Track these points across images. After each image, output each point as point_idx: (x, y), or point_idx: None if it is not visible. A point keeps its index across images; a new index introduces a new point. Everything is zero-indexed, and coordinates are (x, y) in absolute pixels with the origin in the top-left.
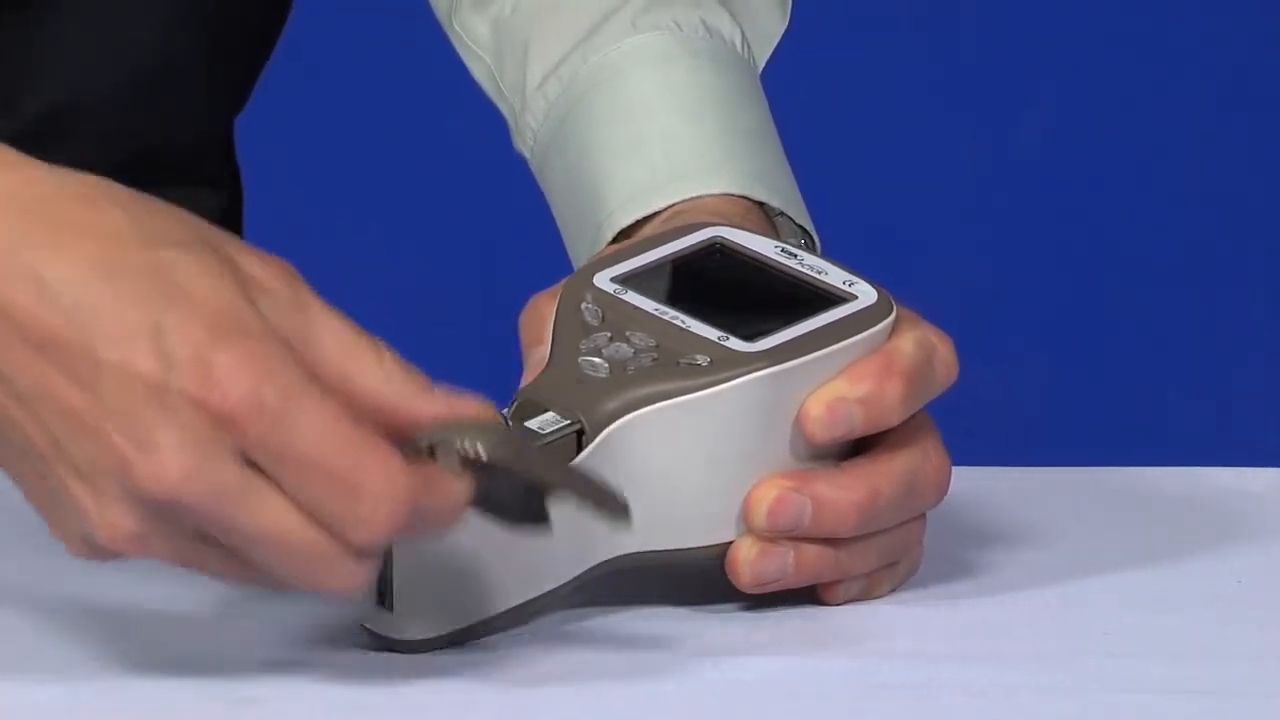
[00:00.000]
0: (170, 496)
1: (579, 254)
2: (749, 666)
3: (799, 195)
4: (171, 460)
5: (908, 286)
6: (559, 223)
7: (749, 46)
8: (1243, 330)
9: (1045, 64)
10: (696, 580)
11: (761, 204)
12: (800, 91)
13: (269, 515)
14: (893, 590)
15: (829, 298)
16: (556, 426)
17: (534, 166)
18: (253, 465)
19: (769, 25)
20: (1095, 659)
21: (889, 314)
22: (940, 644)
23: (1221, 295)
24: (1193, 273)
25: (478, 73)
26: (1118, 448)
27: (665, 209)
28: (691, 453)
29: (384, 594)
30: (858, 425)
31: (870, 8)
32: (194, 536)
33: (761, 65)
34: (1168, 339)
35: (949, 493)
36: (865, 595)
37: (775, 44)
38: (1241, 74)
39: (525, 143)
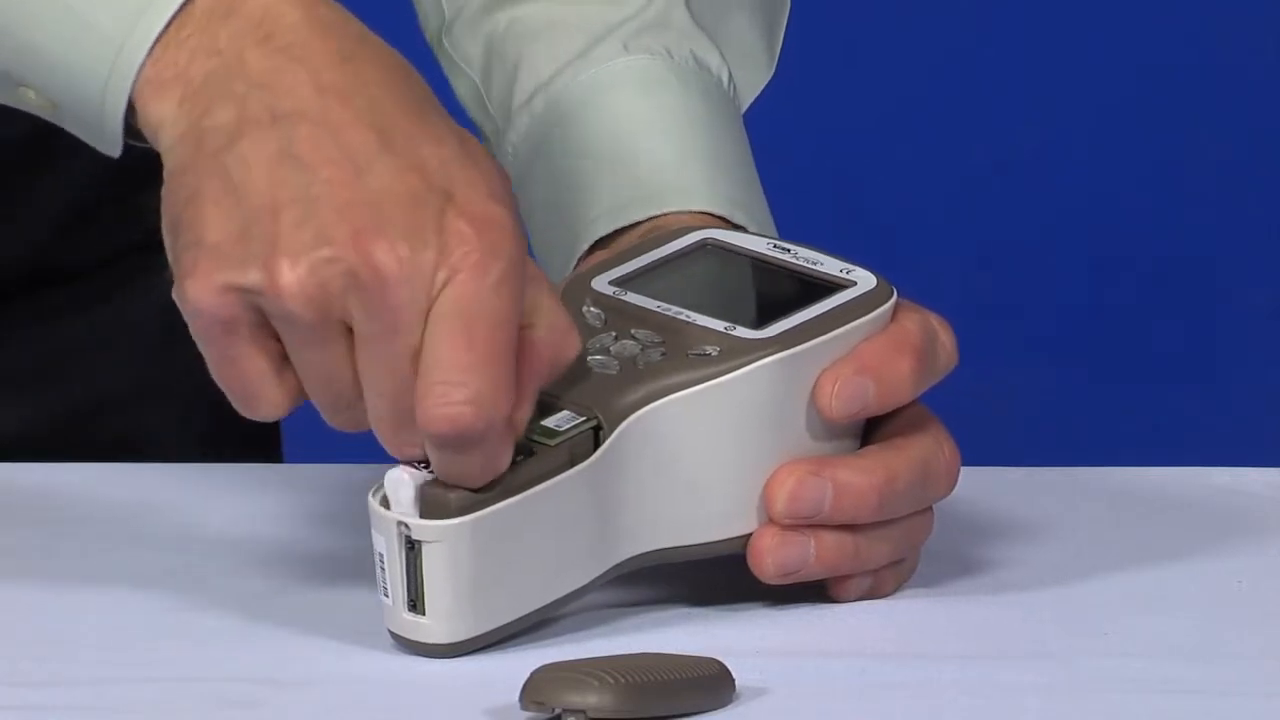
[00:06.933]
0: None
1: (552, 263)
2: (749, 665)
3: (775, 229)
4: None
5: (909, 286)
6: (532, 233)
7: (735, 87)
8: (1243, 330)
9: (1046, 63)
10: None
11: (741, 228)
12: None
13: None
14: (896, 589)
15: (829, 285)
16: (573, 423)
17: (511, 180)
18: None
19: (755, 73)
20: (1095, 659)
21: (891, 296)
22: (940, 643)
23: (1221, 295)
24: (1193, 272)
25: (462, 90)
26: (1118, 448)
27: (644, 221)
28: (708, 442)
29: (415, 600)
30: (871, 401)
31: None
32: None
33: (743, 110)
34: (1168, 339)
35: (950, 491)
36: (872, 594)
37: (758, 92)
38: (1242, 73)
39: (504, 158)
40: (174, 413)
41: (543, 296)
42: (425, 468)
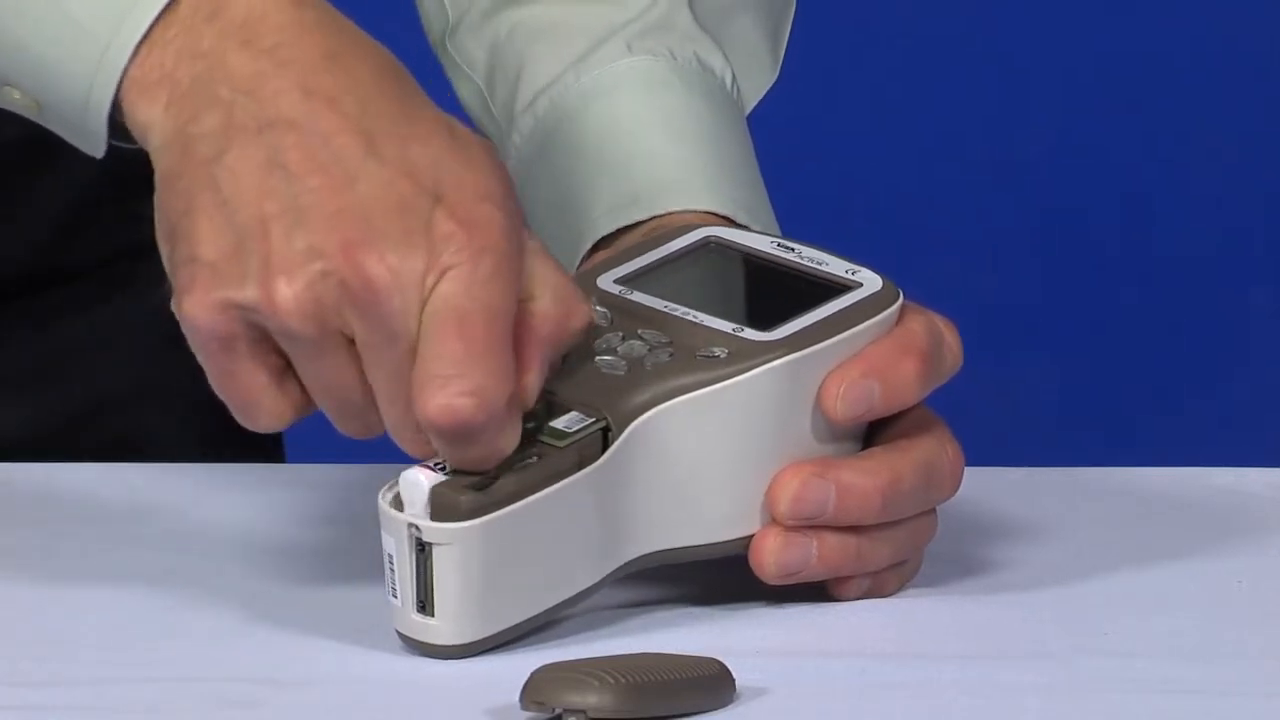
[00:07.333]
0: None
1: None
2: (749, 665)
3: (779, 231)
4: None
5: (910, 286)
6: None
7: (738, 89)
8: (1242, 330)
9: (1048, 63)
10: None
11: (744, 229)
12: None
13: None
14: (898, 590)
15: (835, 286)
16: (582, 425)
17: (515, 180)
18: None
19: (759, 75)
20: (1095, 659)
21: (897, 298)
22: (940, 643)
23: (1221, 295)
24: (1193, 272)
25: (465, 94)
26: (1118, 448)
27: (647, 220)
28: (715, 444)
29: (424, 601)
30: (877, 404)
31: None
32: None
33: (747, 112)
34: (1168, 339)
35: (955, 493)
36: (873, 593)
37: (762, 95)
38: (1244, 73)
39: (508, 160)
40: (174, 413)
41: (543, 268)
42: (442, 468)
